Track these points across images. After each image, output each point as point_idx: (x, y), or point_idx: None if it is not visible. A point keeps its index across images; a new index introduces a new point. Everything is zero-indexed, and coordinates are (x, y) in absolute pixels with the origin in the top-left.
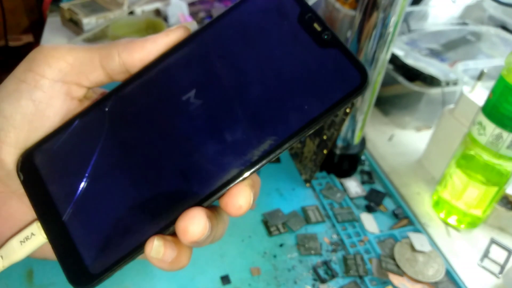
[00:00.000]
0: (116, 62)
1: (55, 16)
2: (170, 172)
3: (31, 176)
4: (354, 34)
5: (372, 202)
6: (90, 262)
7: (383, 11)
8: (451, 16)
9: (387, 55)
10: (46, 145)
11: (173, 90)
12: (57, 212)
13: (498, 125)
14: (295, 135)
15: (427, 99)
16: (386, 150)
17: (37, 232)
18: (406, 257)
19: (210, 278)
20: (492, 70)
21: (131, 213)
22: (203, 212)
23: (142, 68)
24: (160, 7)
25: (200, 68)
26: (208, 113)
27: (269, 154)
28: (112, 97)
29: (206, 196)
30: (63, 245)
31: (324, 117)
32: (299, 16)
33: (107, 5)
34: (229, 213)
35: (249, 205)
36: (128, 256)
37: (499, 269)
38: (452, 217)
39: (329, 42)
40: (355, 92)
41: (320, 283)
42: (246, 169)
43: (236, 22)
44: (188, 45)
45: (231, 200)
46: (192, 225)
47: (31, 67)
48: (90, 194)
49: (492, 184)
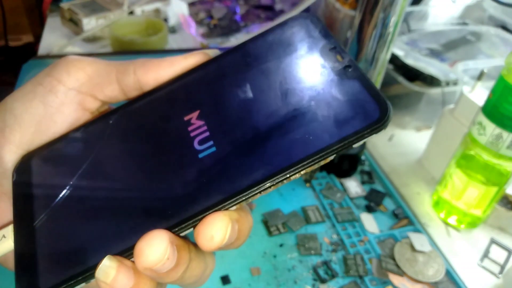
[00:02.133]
0: (131, 78)
1: (55, 16)
2: (146, 191)
3: (23, 179)
4: (354, 34)
5: (372, 202)
6: (43, 276)
7: (383, 11)
8: (451, 16)
9: (387, 55)
10: (45, 151)
11: (178, 109)
12: (31, 218)
13: (498, 125)
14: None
15: (427, 99)
16: (386, 150)
17: (9, 236)
18: (406, 257)
19: (210, 278)
20: (492, 70)
21: (97, 231)
22: (165, 236)
23: (155, 87)
24: (160, 7)
25: (211, 91)
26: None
27: (260, 183)
28: (120, 110)
29: (178, 222)
30: (24, 251)
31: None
32: (322, 47)
33: (107, 5)
34: (199, 244)
35: (223, 239)
36: (79, 275)
37: (499, 269)
38: (452, 217)
39: (351, 74)
40: (373, 127)
41: (320, 283)
42: (230, 197)
43: (257, 50)
44: (203, 69)
45: (202, 229)
46: (149, 247)
47: (51, 72)
48: (66, 205)
49: (492, 184)
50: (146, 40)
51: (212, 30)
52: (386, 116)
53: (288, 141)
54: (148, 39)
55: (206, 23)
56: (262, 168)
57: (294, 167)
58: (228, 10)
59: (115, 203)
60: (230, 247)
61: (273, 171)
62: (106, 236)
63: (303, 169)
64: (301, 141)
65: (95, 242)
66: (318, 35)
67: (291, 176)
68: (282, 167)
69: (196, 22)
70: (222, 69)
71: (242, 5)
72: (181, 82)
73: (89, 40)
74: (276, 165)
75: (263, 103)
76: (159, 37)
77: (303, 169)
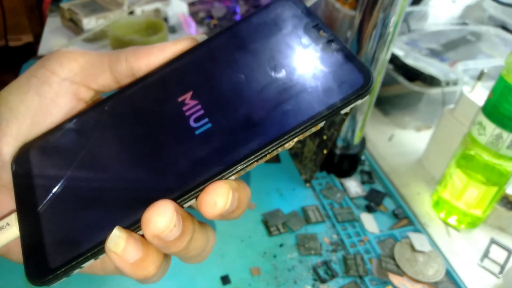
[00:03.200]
0: (123, 66)
1: (55, 16)
2: (147, 170)
3: (22, 169)
4: (354, 34)
5: (372, 202)
6: (51, 256)
7: (383, 11)
8: (451, 16)
9: (387, 55)
10: (42, 141)
11: (172, 91)
12: (34, 205)
13: (498, 125)
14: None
15: (427, 99)
16: (386, 150)
17: (13, 223)
18: (406, 257)
19: (210, 278)
20: (492, 70)
21: (102, 209)
22: (171, 204)
23: (148, 73)
24: (160, 7)
25: (202, 73)
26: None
27: (256, 152)
28: (114, 97)
29: (181, 193)
30: (30, 236)
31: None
32: (305, 25)
33: (107, 5)
34: (203, 211)
35: (225, 205)
36: (88, 251)
37: (499, 269)
38: (452, 217)
39: (334, 47)
40: (358, 92)
41: (320, 283)
42: (229, 167)
43: (242, 32)
44: (193, 53)
45: (205, 197)
46: (156, 215)
47: (44, 64)
48: (69, 188)
49: (492, 184)
50: (146, 40)
51: (212, 30)
52: (369, 83)
53: (279, 112)
54: (148, 39)
55: (206, 23)
56: (257, 138)
57: (287, 135)
58: (228, 10)
59: (117, 183)
60: (230, 216)
61: (267, 140)
62: (110, 214)
63: (295, 136)
64: (292, 111)
65: (100, 220)
66: (301, 14)
67: (285, 143)
68: (275, 135)
69: (196, 22)
70: (211, 51)
71: (242, 5)
72: (172, 66)
73: (89, 40)
74: (270, 134)
75: (253, 79)
76: (159, 37)
77: (295, 136)
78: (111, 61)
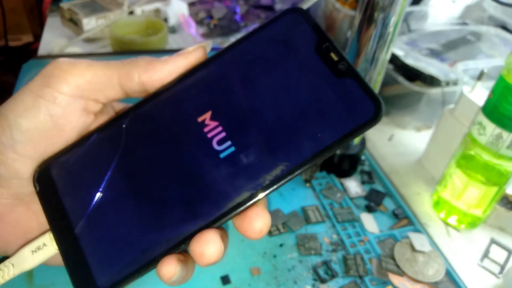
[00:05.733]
0: (136, 83)
1: (55, 16)
2: (183, 192)
3: (47, 187)
4: (354, 34)
5: (372, 202)
6: (99, 276)
7: (383, 11)
8: (451, 16)
9: (387, 55)
10: (63, 158)
11: (190, 110)
12: (69, 224)
13: (498, 125)
14: (307, 162)
15: (427, 99)
16: (386, 150)
17: (49, 243)
18: (406, 257)
19: (210, 278)
20: (492, 70)
21: (142, 230)
22: (217, 234)
23: (162, 88)
24: (160, 7)
25: (218, 91)
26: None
27: (280, 180)
28: (131, 113)
29: (218, 216)
30: (73, 257)
31: (336, 146)
32: (317, 45)
33: (107, 5)
34: (248, 235)
35: (268, 228)
36: (137, 272)
37: (499, 269)
38: (452, 217)
39: (345, 72)
40: (369, 123)
41: (320, 283)
42: (257, 193)
43: (253, 48)
44: (206, 68)
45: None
46: (208, 248)
47: (49, 83)
48: (103, 208)
49: (492, 184)
50: (146, 40)
51: (212, 30)
52: (380, 112)
53: (297, 138)
54: (148, 39)
55: (206, 23)
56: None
57: (308, 162)
58: (228, 10)
59: (152, 202)
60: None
61: (289, 169)
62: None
63: (313, 164)
64: (310, 138)
65: (141, 240)
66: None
67: (303, 171)
68: (297, 163)
69: (196, 22)
70: (224, 68)
71: (242, 5)
72: (188, 84)
73: (89, 40)
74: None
75: (268, 102)
76: (159, 37)
77: (314, 163)
78: (121, 77)
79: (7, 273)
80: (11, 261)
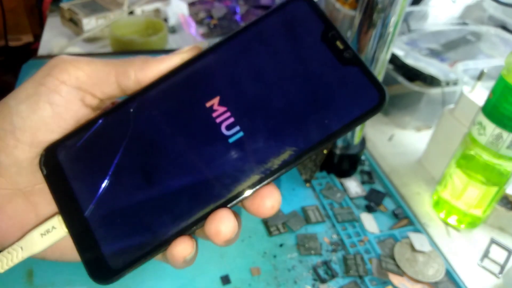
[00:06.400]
0: (132, 81)
1: (55, 16)
2: (193, 175)
3: (54, 171)
4: (354, 34)
5: (372, 202)
6: (111, 258)
7: (383, 11)
8: (451, 16)
9: (387, 55)
10: (69, 142)
11: (198, 95)
12: (79, 208)
13: (498, 125)
14: (314, 148)
15: (427, 99)
16: (386, 150)
17: (58, 226)
18: (406, 257)
19: (210, 278)
20: (492, 70)
21: (153, 211)
22: (231, 213)
23: (169, 73)
24: (160, 7)
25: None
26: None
27: (287, 164)
28: (138, 98)
29: (231, 197)
30: (84, 240)
31: (342, 132)
32: (323, 33)
33: (107, 5)
34: (259, 214)
35: (278, 208)
36: (149, 253)
37: (499, 269)
38: (452, 217)
39: (350, 60)
40: (373, 110)
41: (320, 283)
42: (266, 177)
43: (261, 34)
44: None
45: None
46: (223, 226)
47: (51, 72)
48: (113, 191)
49: (492, 184)
50: (146, 40)
51: (212, 30)
52: (385, 99)
53: (304, 123)
54: (148, 39)
55: (206, 23)
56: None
57: (315, 148)
58: (228, 10)
59: (163, 184)
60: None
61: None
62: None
63: (320, 149)
64: (317, 124)
65: (153, 221)
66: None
67: (310, 156)
68: (306, 147)
69: (196, 22)
70: (231, 54)
71: (242, 5)
72: (196, 69)
73: (89, 40)
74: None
75: (275, 88)
76: (159, 37)
77: (321, 148)
78: (119, 74)
79: (16, 256)
80: (19, 244)
